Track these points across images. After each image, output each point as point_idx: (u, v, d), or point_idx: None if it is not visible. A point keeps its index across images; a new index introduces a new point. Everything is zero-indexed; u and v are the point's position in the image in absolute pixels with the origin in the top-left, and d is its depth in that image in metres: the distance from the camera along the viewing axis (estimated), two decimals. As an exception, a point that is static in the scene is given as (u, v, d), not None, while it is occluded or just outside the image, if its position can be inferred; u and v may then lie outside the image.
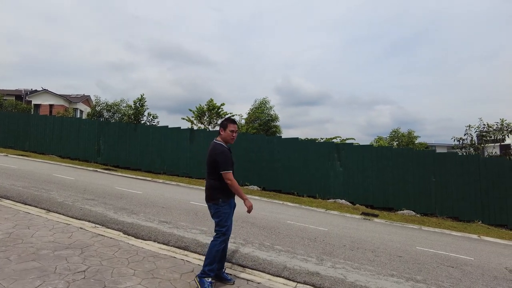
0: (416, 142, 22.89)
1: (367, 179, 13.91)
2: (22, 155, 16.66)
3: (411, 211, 13.05)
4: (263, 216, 8.18)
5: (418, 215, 12.70)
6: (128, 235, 5.19)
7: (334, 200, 13.84)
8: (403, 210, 13.21)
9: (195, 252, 4.73)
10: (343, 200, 13.82)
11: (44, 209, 6.14)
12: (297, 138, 15.08)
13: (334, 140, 17.84)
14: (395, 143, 21.11)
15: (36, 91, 38.87)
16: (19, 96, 38.10)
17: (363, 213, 11.87)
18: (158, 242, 5.00)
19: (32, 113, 29.39)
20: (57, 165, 14.37)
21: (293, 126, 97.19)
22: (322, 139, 18.24)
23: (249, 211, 3.63)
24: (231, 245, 5.24)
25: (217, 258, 3.48)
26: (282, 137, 15.73)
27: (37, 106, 37.37)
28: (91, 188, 9.22)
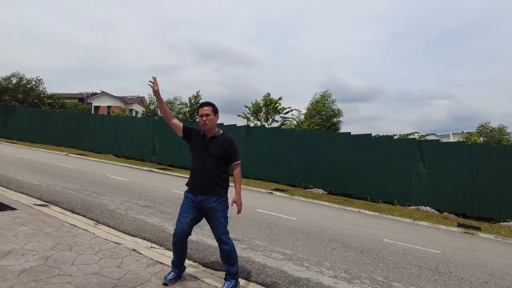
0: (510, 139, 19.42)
1: (457, 183, 11.61)
2: (81, 155, 16.64)
3: (520, 223, 10.55)
4: (349, 232, 6.54)
5: (531, 229, 10.18)
6: (194, 261, 3.89)
7: (416, 207, 11.72)
8: (508, 221, 10.73)
9: (288, 294, 3.28)
10: (428, 207, 11.65)
11: (93, 220, 5.10)
12: (369, 135, 13.11)
13: (412, 136, 15.50)
14: (481, 140, 18.02)
15: (95, 93, 40.64)
16: (82, 99, 40.11)
17: (460, 225, 9.71)
18: (235, 275, 3.62)
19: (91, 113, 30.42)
20: (112, 165, 13.92)
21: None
22: (395, 135, 15.98)
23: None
24: (330, 281, 3.72)
25: None
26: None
27: (97, 107, 39.01)
28: (146, 191, 8.25)
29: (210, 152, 3.26)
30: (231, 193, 3.17)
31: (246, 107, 18.14)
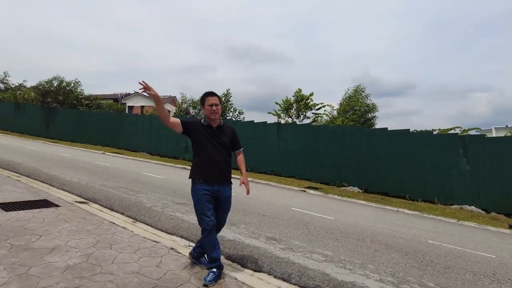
0: None
1: (507, 181, 10.77)
2: (116, 153, 17.20)
3: None
4: (390, 232, 6.20)
5: None
6: (232, 261, 3.79)
7: (459, 206, 11.03)
8: None
9: (333, 299, 3.09)
10: (472, 207, 10.92)
11: (131, 218, 5.15)
12: (407, 130, 12.50)
13: (453, 131, 14.62)
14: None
15: (129, 94, 41.94)
16: (116, 99, 41.59)
17: (512, 226, 8.98)
18: (276, 277, 3.48)
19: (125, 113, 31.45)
20: (146, 163, 14.25)
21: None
22: (435, 130, 15.15)
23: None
24: (376, 285, 3.49)
25: None
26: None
27: (131, 107, 40.29)
28: (181, 189, 8.32)
29: (221, 141, 3.28)
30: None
31: (277, 103, 17.90)
